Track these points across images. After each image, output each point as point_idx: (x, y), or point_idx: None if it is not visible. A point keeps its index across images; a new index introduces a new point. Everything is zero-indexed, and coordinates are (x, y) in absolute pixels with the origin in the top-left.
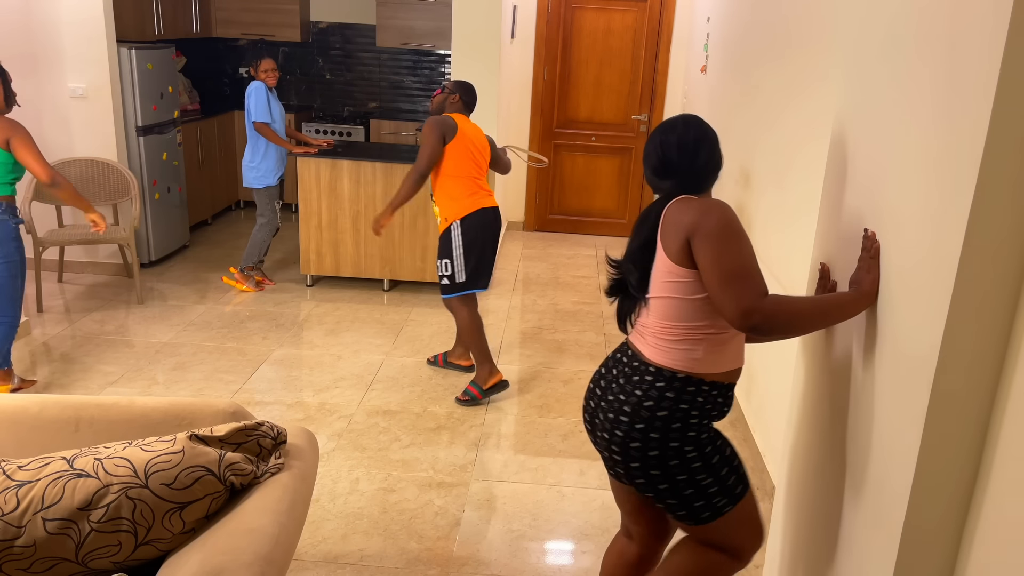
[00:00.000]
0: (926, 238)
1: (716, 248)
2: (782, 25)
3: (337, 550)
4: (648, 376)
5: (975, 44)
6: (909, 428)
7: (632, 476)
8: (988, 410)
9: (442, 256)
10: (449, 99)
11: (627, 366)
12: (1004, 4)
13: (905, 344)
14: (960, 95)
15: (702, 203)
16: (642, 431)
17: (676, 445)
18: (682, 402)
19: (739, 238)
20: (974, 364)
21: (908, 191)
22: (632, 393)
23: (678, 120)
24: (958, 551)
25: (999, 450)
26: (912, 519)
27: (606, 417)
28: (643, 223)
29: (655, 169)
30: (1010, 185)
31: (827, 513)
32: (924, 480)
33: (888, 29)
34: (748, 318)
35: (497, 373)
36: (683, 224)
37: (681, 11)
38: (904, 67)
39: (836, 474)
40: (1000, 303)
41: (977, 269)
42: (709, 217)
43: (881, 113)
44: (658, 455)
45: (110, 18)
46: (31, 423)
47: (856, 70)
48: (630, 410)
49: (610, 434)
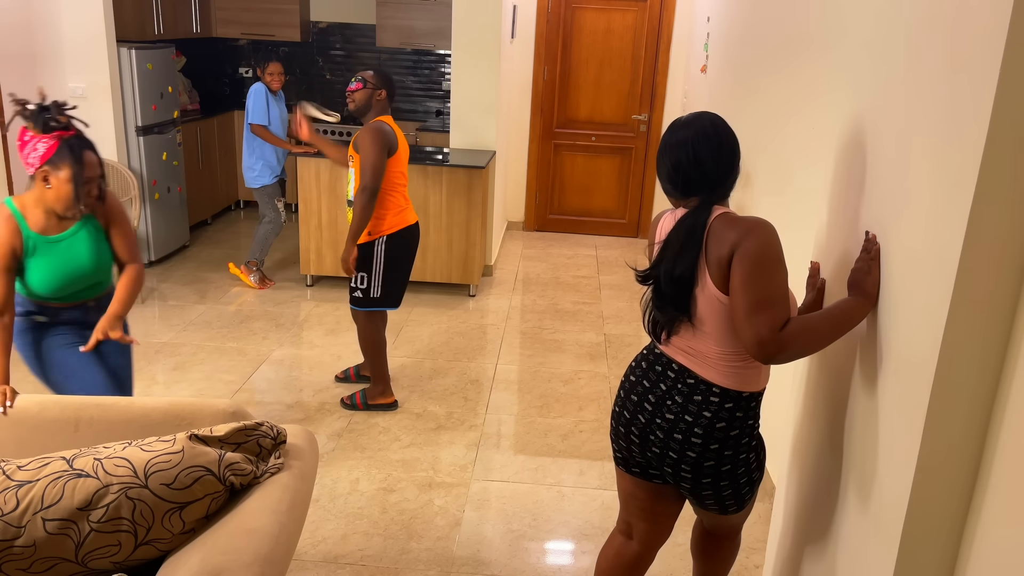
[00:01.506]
0: (926, 238)
1: (750, 272)
2: (782, 25)
3: (337, 550)
4: (714, 397)
5: (975, 44)
6: (909, 428)
7: (696, 487)
8: (988, 410)
9: (360, 268)
10: (375, 96)
11: (681, 383)
12: (1004, 4)
13: (905, 344)
14: (960, 95)
15: (747, 222)
16: (717, 451)
17: (744, 456)
18: (749, 417)
19: (776, 265)
20: (974, 364)
21: (908, 191)
22: (700, 415)
23: (706, 123)
24: (958, 551)
25: (999, 450)
26: (912, 519)
27: (668, 436)
28: (684, 238)
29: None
30: (1010, 185)
31: (827, 513)
32: (924, 480)
33: (888, 29)
34: (763, 348)
35: (390, 395)
36: (728, 242)
37: (681, 11)
38: (905, 67)
39: (836, 474)
40: (1000, 303)
41: (977, 269)
42: (751, 238)
43: (882, 113)
44: (730, 468)
45: (110, 18)
46: (31, 423)
47: (857, 70)
48: (702, 431)
49: (678, 453)
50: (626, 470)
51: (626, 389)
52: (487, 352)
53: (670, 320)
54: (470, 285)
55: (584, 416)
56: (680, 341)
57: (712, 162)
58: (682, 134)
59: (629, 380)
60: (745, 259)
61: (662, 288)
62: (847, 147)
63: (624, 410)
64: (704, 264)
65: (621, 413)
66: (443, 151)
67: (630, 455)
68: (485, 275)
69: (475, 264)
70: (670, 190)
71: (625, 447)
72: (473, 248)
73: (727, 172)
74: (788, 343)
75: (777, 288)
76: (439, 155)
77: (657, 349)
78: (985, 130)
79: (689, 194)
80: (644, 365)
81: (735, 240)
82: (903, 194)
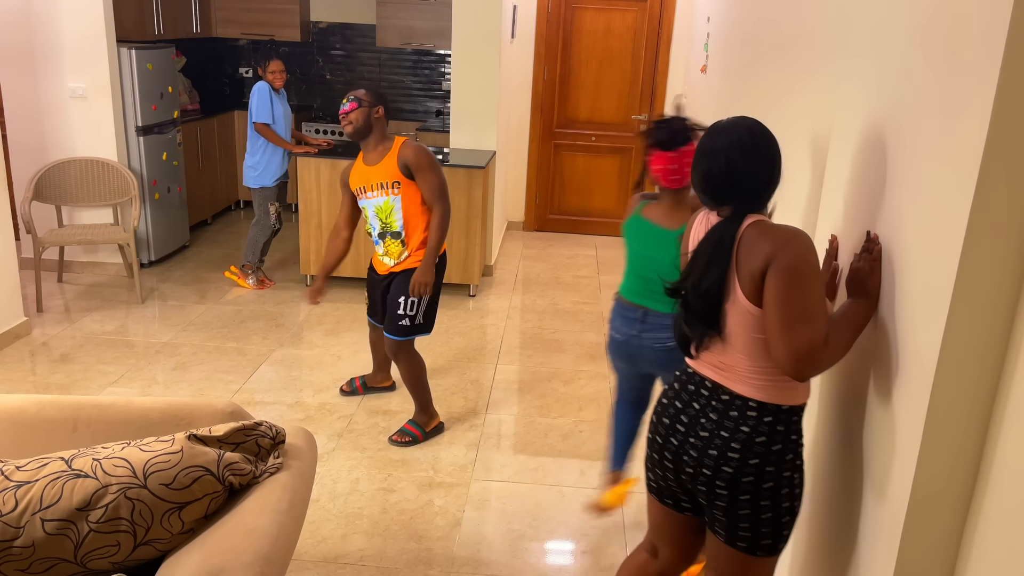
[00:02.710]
0: (926, 238)
1: (786, 286)
2: (782, 25)
3: (337, 550)
4: (751, 412)
5: (975, 43)
6: (909, 428)
7: (732, 509)
8: (988, 410)
9: (406, 293)
10: (373, 114)
11: (716, 400)
12: (1004, 4)
13: (905, 344)
14: (960, 95)
15: (782, 232)
16: (757, 466)
17: (788, 474)
18: (792, 432)
19: (814, 278)
20: (974, 364)
21: (908, 191)
22: (737, 430)
23: (742, 131)
24: (958, 551)
25: (999, 450)
26: (912, 519)
27: (702, 453)
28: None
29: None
30: (1010, 185)
31: (827, 513)
32: (924, 481)
33: (889, 29)
34: (799, 366)
35: (437, 415)
36: (762, 253)
37: (681, 11)
38: (905, 67)
39: (836, 474)
40: (1000, 303)
41: (977, 269)
42: (788, 250)
43: (882, 113)
44: (772, 486)
45: (110, 18)
46: (29, 423)
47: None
48: (740, 446)
49: (712, 470)
50: (659, 500)
51: (657, 413)
52: (487, 352)
53: (700, 335)
54: (470, 285)
55: (584, 416)
56: (710, 356)
57: (747, 173)
58: (716, 141)
59: (660, 403)
60: (781, 273)
61: (690, 302)
62: (847, 147)
63: (656, 435)
64: (735, 276)
65: (653, 438)
66: (443, 151)
67: (664, 484)
68: (485, 275)
69: (475, 264)
70: (704, 197)
71: (660, 475)
72: (473, 248)
73: (764, 183)
74: (824, 360)
75: (814, 302)
76: (439, 155)
77: (688, 368)
78: (985, 130)
79: (722, 203)
80: (676, 386)
81: (770, 252)
82: (903, 194)
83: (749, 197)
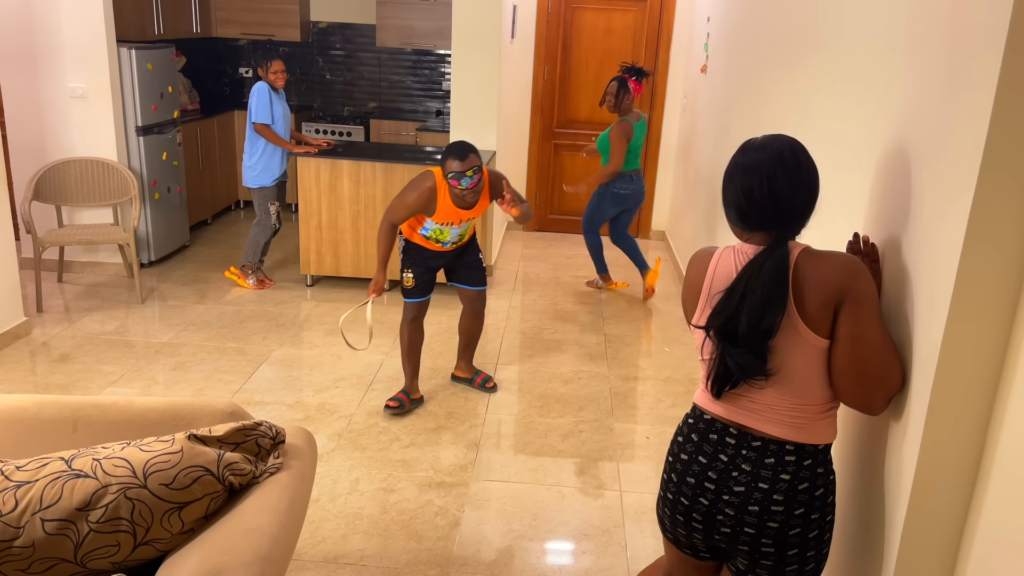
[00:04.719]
0: (926, 239)
1: (871, 315)
2: (782, 25)
3: (337, 550)
4: (789, 456)
5: (975, 44)
6: (909, 428)
7: (779, 564)
8: (988, 410)
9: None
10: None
11: (746, 448)
12: (1004, 4)
13: (905, 344)
14: (960, 95)
15: (842, 259)
16: (803, 515)
17: (830, 518)
18: (829, 472)
19: (879, 305)
20: (974, 364)
21: (908, 192)
22: (777, 479)
23: (784, 147)
24: (958, 551)
25: (999, 450)
26: (912, 519)
27: (740, 511)
28: (770, 283)
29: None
30: (1010, 185)
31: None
32: (924, 480)
33: (889, 31)
34: (889, 397)
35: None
36: (831, 284)
37: (681, 11)
38: (905, 67)
39: (836, 474)
40: (1000, 303)
41: (977, 269)
42: (860, 278)
43: (882, 114)
44: (817, 533)
45: (110, 18)
46: (29, 423)
47: (858, 71)
48: (783, 497)
49: (756, 528)
50: (677, 549)
51: (679, 472)
52: (487, 352)
53: (749, 373)
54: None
55: (584, 416)
56: (736, 397)
57: (789, 194)
58: (755, 156)
59: (680, 459)
60: (862, 303)
61: (739, 338)
62: (847, 148)
63: (681, 496)
64: (792, 309)
65: (677, 500)
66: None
67: (688, 541)
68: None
69: None
70: (736, 220)
71: (685, 534)
72: None
73: (805, 207)
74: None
75: (887, 330)
76: (439, 155)
77: (706, 415)
78: (985, 131)
79: (758, 228)
80: (695, 438)
81: (841, 282)
82: (903, 195)
83: (791, 221)
